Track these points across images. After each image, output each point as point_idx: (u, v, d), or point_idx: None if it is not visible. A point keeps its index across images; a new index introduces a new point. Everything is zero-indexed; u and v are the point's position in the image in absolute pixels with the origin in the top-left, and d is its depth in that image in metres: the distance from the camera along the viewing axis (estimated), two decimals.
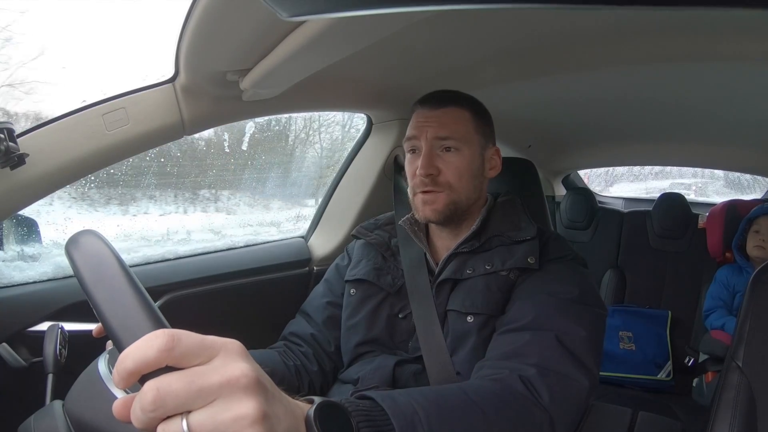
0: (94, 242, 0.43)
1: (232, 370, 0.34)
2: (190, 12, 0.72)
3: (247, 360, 0.36)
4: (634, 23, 0.92)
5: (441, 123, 0.89)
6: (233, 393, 0.33)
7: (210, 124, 1.04)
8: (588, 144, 2.22)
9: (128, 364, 0.33)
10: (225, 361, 0.34)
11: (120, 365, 0.33)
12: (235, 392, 0.33)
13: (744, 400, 0.79)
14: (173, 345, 0.33)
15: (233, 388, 0.33)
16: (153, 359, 0.32)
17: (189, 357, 0.33)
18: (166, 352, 0.33)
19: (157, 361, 0.33)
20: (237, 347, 0.36)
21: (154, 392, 0.32)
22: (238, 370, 0.34)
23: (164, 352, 0.33)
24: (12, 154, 0.78)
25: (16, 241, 1.04)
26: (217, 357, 0.34)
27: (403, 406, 0.54)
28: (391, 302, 0.95)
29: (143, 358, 0.32)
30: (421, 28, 0.87)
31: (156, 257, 1.14)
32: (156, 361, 0.33)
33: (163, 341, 0.33)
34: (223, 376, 0.33)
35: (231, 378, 0.33)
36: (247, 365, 0.35)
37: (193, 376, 0.33)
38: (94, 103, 0.90)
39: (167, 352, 0.33)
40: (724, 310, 1.83)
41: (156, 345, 0.33)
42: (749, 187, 3.08)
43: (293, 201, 1.80)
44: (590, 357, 0.75)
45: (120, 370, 0.33)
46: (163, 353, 0.33)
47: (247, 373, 0.34)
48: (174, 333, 0.33)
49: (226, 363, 0.34)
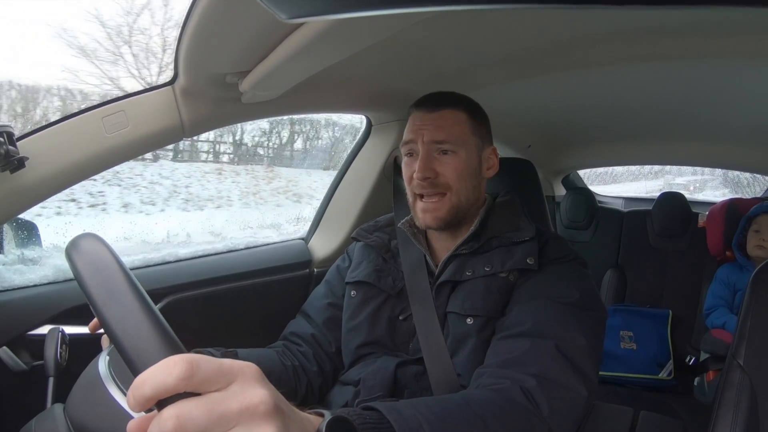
0: (95, 247, 0.42)
1: (252, 396, 0.34)
2: (189, 14, 0.72)
3: (265, 385, 0.36)
4: (633, 23, 0.93)
5: (437, 126, 0.89)
6: (253, 420, 0.33)
7: (210, 127, 1.05)
8: (588, 144, 2.23)
9: (146, 391, 0.32)
10: (243, 386, 0.34)
11: (137, 391, 0.33)
12: (255, 419, 0.33)
13: (746, 398, 0.79)
14: (192, 373, 0.33)
15: (253, 415, 0.33)
16: (172, 387, 0.32)
17: (208, 383, 0.33)
18: (185, 381, 0.32)
19: (176, 389, 0.33)
20: (254, 372, 0.36)
21: (175, 420, 0.32)
22: (258, 397, 0.34)
23: (183, 381, 0.32)
24: (12, 157, 0.78)
25: (16, 244, 1.04)
26: (235, 382, 0.34)
27: (409, 419, 0.55)
28: (392, 304, 0.95)
29: (162, 385, 0.32)
30: (421, 29, 0.87)
31: (156, 260, 1.14)
32: (174, 388, 0.32)
33: (182, 369, 0.32)
34: (242, 403, 0.33)
35: (250, 405, 0.34)
36: (265, 391, 0.35)
37: (213, 404, 0.33)
38: (93, 106, 0.90)
39: (186, 380, 0.32)
40: (725, 309, 1.83)
41: (175, 373, 0.32)
42: (749, 185, 3.08)
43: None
44: (589, 365, 0.75)
45: (137, 396, 0.33)
46: (182, 381, 0.32)
47: (266, 400, 0.34)
48: (192, 360, 0.33)
49: (244, 389, 0.34)
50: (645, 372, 1.93)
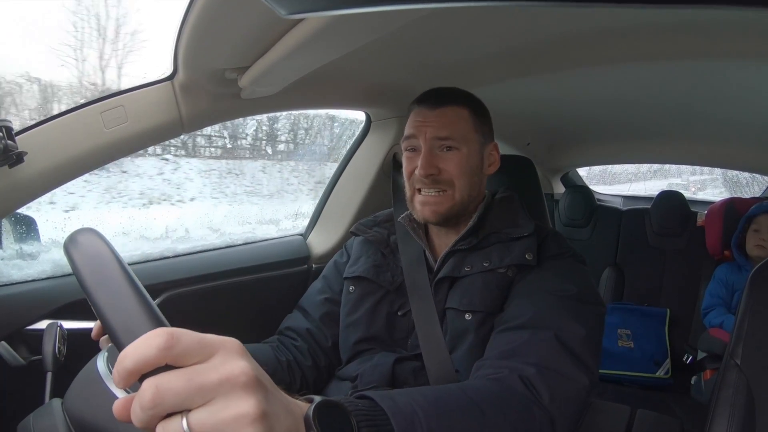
0: (93, 241, 0.43)
1: (231, 368, 0.34)
2: (189, 9, 0.72)
3: (246, 358, 0.36)
4: (633, 21, 0.92)
5: (440, 123, 0.89)
6: (232, 391, 0.33)
7: (208, 122, 1.04)
8: (587, 142, 2.22)
9: (128, 364, 0.33)
10: (224, 359, 0.34)
11: (120, 365, 0.33)
12: (235, 390, 0.33)
13: (742, 397, 0.79)
14: (172, 344, 0.33)
15: (232, 386, 0.33)
16: (152, 358, 0.32)
17: (188, 355, 0.33)
18: (165, 350, 0.32)
19: (157, 360, 0.33)
20: (236, 345, 0.36)
21: (153, 390, 0.32)
22: (238, 368, 0.34)
23: (163, 351, 0.32)
24: (10, 152, 0.78)
25: (14, 239, 1.04)
26: (216, 355, 0.34)
27: (403, 406, 0.54)
28: (391, 299, 0.95)
29: (143, 357, 0.32)
30: (420, 25, 0.86)
31: (155, 255, 1.14)
32: (155, 360, 0.32)
33: (162, 340, 0.33)
34: (222, 374, 0.33)
35: (230, 376, 0.33)
36: (246, 363, 0.35)
37: (192, 374, 0.33)
38: (92, 100, 0.89)
39: (166, 350, 0.33)
40: (723, 308, 1.83)
41: (155, 344, 0.32)
42: (748, 185, 3.08)
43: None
44: (589, 355, 0.75)
45: (120, 369, 0.33)
46: (162, 352, 0.32)
47: (247, 371, 0.34)
48: (173, 332, 0.33)
49: (225, 361, 0.34)
50: (642, 370, 1.93)
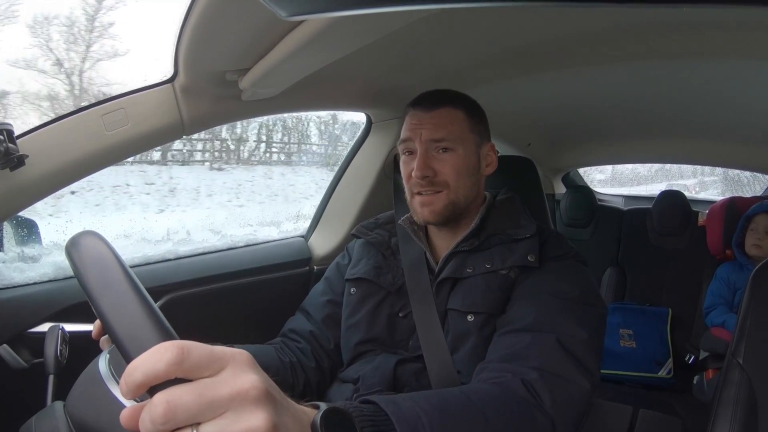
0: (95, 244, 0.42)
1: (242, 382, 0.34)
2: (189, 11, 0.72)
3: (256, 371, 0.36)
4: (634, 21, 0.92)
5: (435, 125, 0.89)
6: (243, 405, 0.33)
7: (209, 124, 1.04)
8: (588, 142, 2.22)
9: (137, 377, 0.32)
10: (234, 372, 0.34)
11: (129, 377, 0.33)
12: (246, 404, 0.33)
13: (745, 397, 0.79)
14: (183, 358, 0.33)
15: (243, 400, 0.33)
16: (162, 372, 0.32)
17: (198, 369, 0.33)
18: (175, 365, 0.32)
19: (167, 375, 0.32)
20: (246, 358, 0.36)
21: (165, 405, 0.31)
22: (248, 382, 0.34)
23: (174, 366, 0.32)
24: (12, 155, 0.78)
25: (16, 242, 1.04)
26: (226, 369, 0.34)
27: (407, 411, 0.54)
28: (392, 301, 0.95)
29: (153, 371, 0.32)
30: (420, 27, 0.86)
31: (156, 257, 1.14)
32: (165, 374, 0.32)
33: (173, 354, 0.32)
34: (233, 388, 0.33)
35: (241, 390, 0.33)
36: (256, 377, 0.35)
37: (203, 389, 0.33)
38: (93, 103, 0.90)
39: (177, 365, 0.32)
40: (725, 308, 1.83)
41: (166, 358, 0.32)
42: (749, 184, 3.08)
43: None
44: (591, 359, 0.75)
45: (129, 381, 0.33)
46: (172, 366, 0.32)
47: (257, 385, 0.34)
48: (183, 345, 0.33)
49: (235, 375, 0.34)
50: (644, 370, 1.93)
